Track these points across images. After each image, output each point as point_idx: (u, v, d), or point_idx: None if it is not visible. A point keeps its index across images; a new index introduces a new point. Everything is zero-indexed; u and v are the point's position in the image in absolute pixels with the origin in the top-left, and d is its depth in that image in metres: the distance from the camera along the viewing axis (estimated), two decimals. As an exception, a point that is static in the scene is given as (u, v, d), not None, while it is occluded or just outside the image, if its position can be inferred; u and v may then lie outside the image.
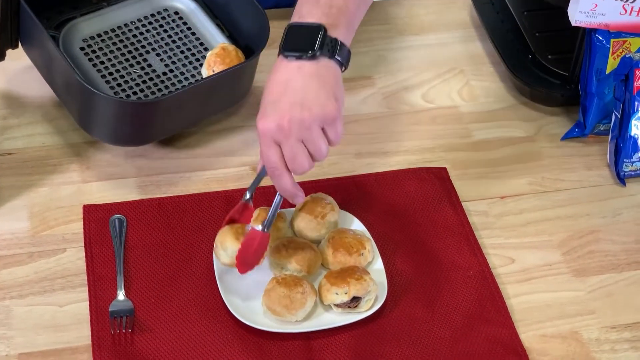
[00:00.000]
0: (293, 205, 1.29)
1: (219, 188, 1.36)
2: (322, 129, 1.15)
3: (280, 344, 1.18)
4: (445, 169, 1.41)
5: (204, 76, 1.42)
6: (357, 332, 1.20)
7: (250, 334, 1.19)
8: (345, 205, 1.33)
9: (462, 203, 1.36)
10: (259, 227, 1.20)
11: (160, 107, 1.35)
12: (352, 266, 1.23)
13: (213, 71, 1.41)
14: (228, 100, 1.44)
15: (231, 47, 1.43)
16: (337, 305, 1.20)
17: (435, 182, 1.39)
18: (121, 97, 1.40)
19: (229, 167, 1.40)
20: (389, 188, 1.38)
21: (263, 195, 1.33)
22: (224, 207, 1.32)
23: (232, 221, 1.23)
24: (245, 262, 1.19)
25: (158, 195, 1.35)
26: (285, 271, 1.23)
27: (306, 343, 1.19)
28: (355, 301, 1.20)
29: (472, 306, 1.24)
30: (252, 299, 1.21)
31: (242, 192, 1.34)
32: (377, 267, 1.26)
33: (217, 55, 1.42)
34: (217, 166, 1.40)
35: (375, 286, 1.21)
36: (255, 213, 1.27)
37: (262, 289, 1.21)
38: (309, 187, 1.35)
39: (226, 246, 1.20)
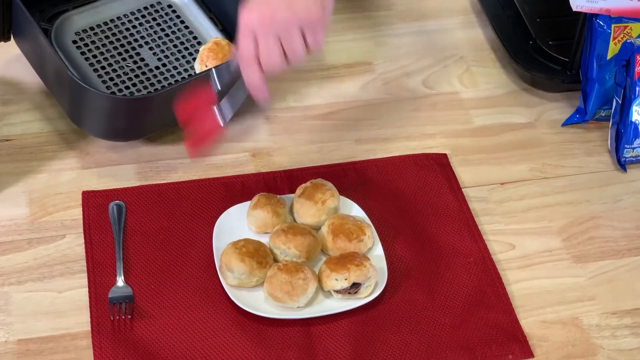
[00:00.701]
0: (293, 192, 1.30)
1: (217, 174, 1.36)
2: (303, 34, 1.16)
3: (279, 330, 1.18)
4: (445, 155, 1.41)
5: (197, 71, 1.42)
6: (357, 318, 1.20)
7: (249, 320, 1.18)
8: (345, 191, 1.33)
9: (463, 189, 1.36)
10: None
11: (152, 103, 1.34)
12: (352, 252, 1.23)
13: (206, 66, 1.40)
14: None
15: (224, 42, 1.42)
16: (337, 292, 1.20)
17: (435, 168, 1.38)
18: (113, 92, 1.39)
19: (227, 153, 1.39)
20: (389, 174, 1.37)
21: (264, 182, 1.33)
22: (222, 194, 1.32)
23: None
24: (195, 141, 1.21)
25: (157, 182, 1.35)
26: (284, 257, 1.23)
27: (306, 329, 1.18)
28: (355, 287, 1.19)
29: (473, 292, 1.24)
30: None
31: (241, 178, 1.35)
32: (377, 253, 1.25)
33: (210, 50, 1.41)
34: (215, 152, 1.39)
35: (375, 272, 1.21)
36: (255, 199, 1.27)
37: (261, 275, 1.21)
38: (309, 173, 1.35)
39: (232, 268, 1.19)
